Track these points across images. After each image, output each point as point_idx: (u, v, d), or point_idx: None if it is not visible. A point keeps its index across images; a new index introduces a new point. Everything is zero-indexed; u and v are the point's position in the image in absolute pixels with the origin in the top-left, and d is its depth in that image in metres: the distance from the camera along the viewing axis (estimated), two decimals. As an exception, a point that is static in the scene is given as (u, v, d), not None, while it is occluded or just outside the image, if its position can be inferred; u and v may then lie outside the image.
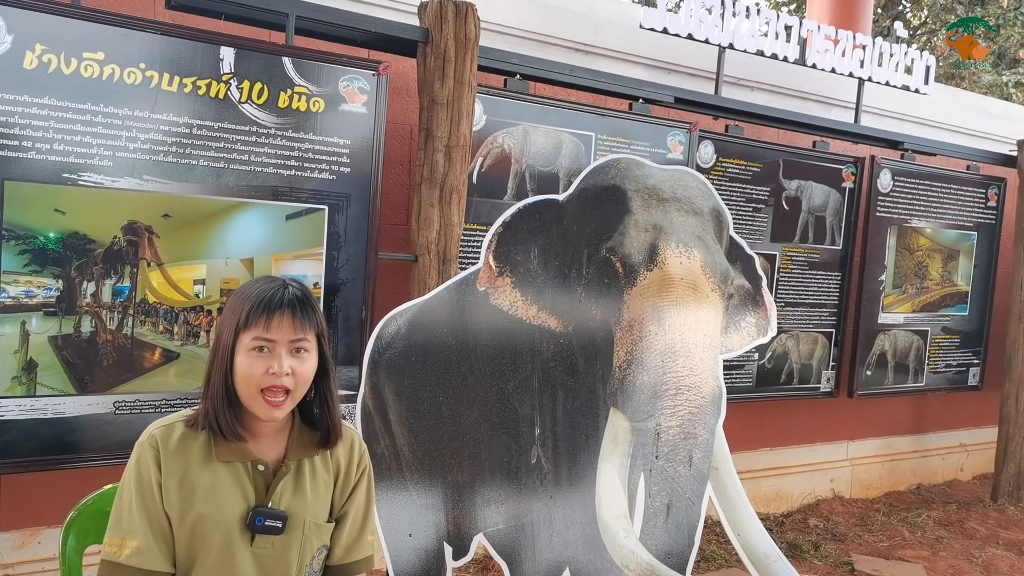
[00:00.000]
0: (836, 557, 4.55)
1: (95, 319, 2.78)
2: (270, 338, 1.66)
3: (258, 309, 1.67)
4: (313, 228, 3.15)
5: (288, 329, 1.67)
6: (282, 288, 1.71)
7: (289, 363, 1.67)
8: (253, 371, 1.66)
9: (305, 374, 1.71)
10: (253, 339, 1.66)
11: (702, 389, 2.61)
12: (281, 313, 1.67)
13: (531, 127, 3.83)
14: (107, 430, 2.79)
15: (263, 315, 1.66)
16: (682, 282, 2.60)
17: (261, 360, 1.66)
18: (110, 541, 1.69)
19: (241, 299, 1.70)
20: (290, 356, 1.68)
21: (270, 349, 1.67)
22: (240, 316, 1.67)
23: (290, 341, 1.68)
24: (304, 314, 1.69)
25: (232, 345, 1.68)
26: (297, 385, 1.70)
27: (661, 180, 2.69)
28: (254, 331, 1.66)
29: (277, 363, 1.66)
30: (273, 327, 1.66)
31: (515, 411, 2.64)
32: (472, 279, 2.62)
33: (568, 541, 2.66)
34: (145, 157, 2.82)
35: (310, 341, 1.71)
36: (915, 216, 5.39)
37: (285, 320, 1.67)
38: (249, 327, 1.66)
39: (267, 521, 1.72)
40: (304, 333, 1.69)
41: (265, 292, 1.69)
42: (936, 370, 5.66)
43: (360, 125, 3.24)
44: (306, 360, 1.71)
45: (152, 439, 1.72)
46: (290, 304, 1.68)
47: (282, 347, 1.67)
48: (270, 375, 1.66)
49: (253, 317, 1.66)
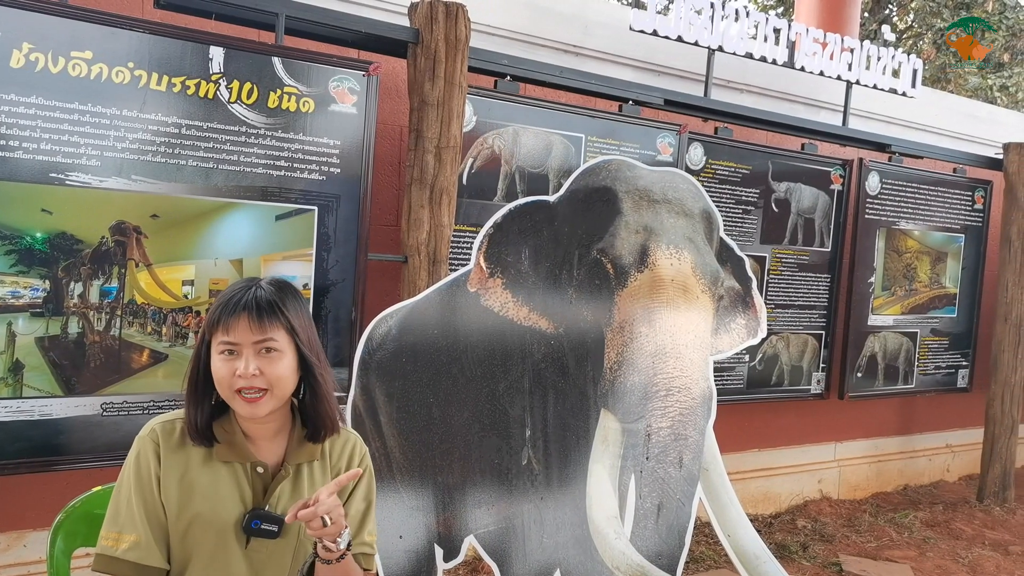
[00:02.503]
0: (824, 558, 4.56)
1: (82, 320, 2.76)
2: (232, 340, 1.66)
3: (220, 312, 1.67)
4: (303, 229, 3.14)
5: (247, 331, 1.66)
6: (245, 290, 1.69)
7: (255, 364, 1.65)
8: (223, 374, 1.66)
9: (278, 373, 1.68)
10: (219, 343, 1.67)
11: (692, 390, 2.61)
12: (238, 316, 1.66)
13: (521, 128, 3.82)
14: (94, 432, 2.77)
15: (224, 319, 1.66)
16: (672, 283, 2.60)
17: (229, 363, 1.66)
18: (106, 535, 1.68)
19: (215, 304, 1.71)
20: (257, 357, 1.66)
21: (237, 352, 1.66)
22: (210, 320, 1.68)
23: (254, 343, 1.66)
24: (266, 314, 1.67)
25: (205, 348, 1.69)
26: (272, 384, 1.68)
27: (652, 182, 2.69)
28: (220, 335, 1.66)
29: (243, 365, 1.65)
30: (233, 329, 1.65)
31: (506, 412, 2.63)
32: (463, 280, 2.62)
33: (559, 542, 2.66)
34: (133, 157, 2.80)
35: (278, 340, 1.68)
36: (903, 218, 5.41)
37: (242, 322, 1.65)
38: (216, 330, 1.67)
39: (263, 524, 1.70)
40: (268, 333, 1.67)
41: (228, 295, 1.70)
42: (926, 372, 5.68)
43: (350, 125, 3.22)
44: (277, 359, 1.68)
45: (153, 433, 1.71)
46: (248, 306, 1.67)
47: (246, 348, 1.66)
48: (238, 377, 1.65)
49: (218, 320, 1.67)
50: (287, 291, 1.75)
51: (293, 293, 1.76)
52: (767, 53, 4.63)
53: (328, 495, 1.61)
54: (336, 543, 1.68)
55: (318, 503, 1.59)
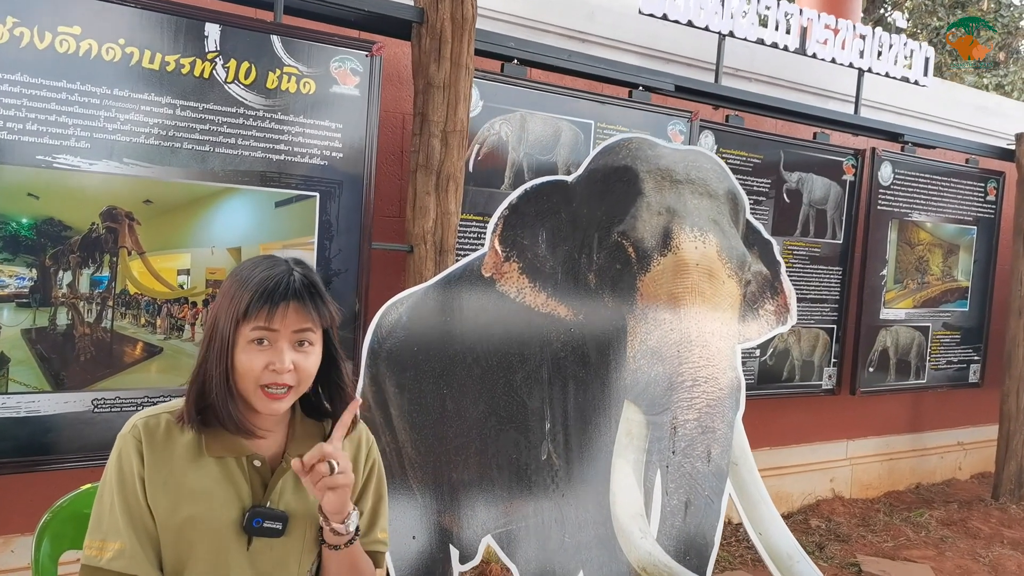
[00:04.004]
0: (842, 558, 4.42)
1: (71, 311, 2.60)
2: (273, 328, 1.49)
3: (260, 299, 1.49)
4: (304, 216, 2.99)
5: (293, 320, 1.50)
6: (287, 274, 1.52)
7: (292, 358, 1.50)
8: (252, 366, 1.49)
9: (309, 369, 1.54)
10: (253, 330, 1.49)
11: (720, 380, 2.47)
12: (286, 304, 1.49)
13: (529, 114, 3.69)
14: (85, 430, 2.61)
15: (266, 306, 1.48)
16: (697, 268, 2.46)
17: (261, 354, 1.50)
18: (90, 544, 1.52)
19: (241, 285, 1.52)
20: (293, 350, 1.51)
21: (271, 341, 1.50)
22: (240, 305, 1.49)
23: (294, 332, 1.51)
24: (312, 304, 1.52)
25: (230, 336, 1.51)
26: (300, 381, 1.53)
27: (674, 161, 2.55)
28: (255, 322, 1.49)
29: (279, 359, 1.49)
30: (276, 318, 1.49)
31: (524, 404, 2.49)
32: (477, 265, 2.47)
33: (581, 542, 2.51)
34: (125, 139, 2.64)
35: (315, 332, 1.54)
36: (916, 210, 5.29)
37: (290, 311, 1.49)
38: (249, 318, 1.49)
39: (266, 522, 1.55)
40: (310, 324, 1.52)
41: (269, 280, 1.51)
42: (937, 367, 5.56)
43: (352, 108, 3.08)
44: (310, 354, 1.54)
45: (135, 430, 1.55)
46: (296, 294, 1.50)
47: (284, 340, 1.50)
48: (270, 371, 1.49)
49: (255, 308, 1.49)
50: (318, 277, 1.60)
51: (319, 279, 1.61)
52: (778, 39, 4.51)
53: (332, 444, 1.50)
54: (345, 523, 1.55)
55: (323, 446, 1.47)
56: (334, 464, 1.47)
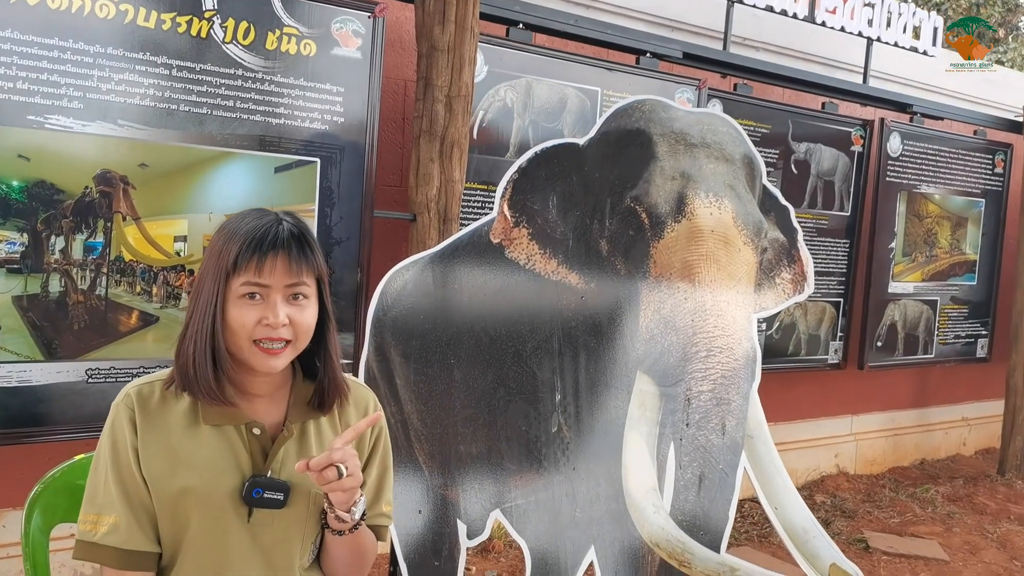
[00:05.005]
0: (848, 534, 4.37)
1: (64, 278, 2.51)
2: (263, 283, 1.41)
3: (248, 250, 1.40)
4: (304, 182, 2.90)
5: (283, 272, 1.41)
6: (275, 224, 1.44)
7: (286, 311, 1.42)
8: (245, 321, 1.41)
9: (306, 323, 1.45)
10: (243, 284, 1.41)
11: (735, 351, 2.39)
12: (275, 254, 1.41)
13: (534, 80, 3.59)
14: (78, 400, 2.53)
15: (255, 256, 1.40)
16: (712, 234, 2.37)
17: (254, 308, 1.41)
18: (84, 518, 1.45)
19: (227, 238, 1.43)
20: (287, 303, 1.43)
21: (263, 296, 1.42)
22: (228, 259, 1.41)
23: (286, 286, 1.42)
24: (302, 254, 1.43)
25: (218, 292, 1.42)
26: (297, 335, 1.45)
27: (689, 124, 2.46)
28: (244, 275, 1.40)
29: (272, 312, 1.41)
30: (266, 270, 1.40)
31: (534, 375, 2.41)
32: (485, 231, 2.38)
33: (593, 517, 2.44)
34: (119, 100, 2.55)
35: (309, 285, 1.45)
36: (924, 182, 5.21)
37: (280, 262, 1.41)
38: (239, 271, 1.40)
39: (266, 493, 1.46)
40: (302, 276, 1.43)
41: (256, 229, 1.42)
42: (945, 341, 5.50)
43: (354, 71, 2.99)
44: (305, 307, 1.45)
45: (127, 399, 1.47)
46: (286, 243, 1.42)
47: (277, 293, 1.42)
48: (264, 326, 1.41)
49: (243, 259, 1.40)
50: (309, 230, 1.51)
51: (312, 232, 1.52)
52: (787, 7, 4.41)
53: (343, 443, 1.40)
54: (351, 511, 1.47)
55: (332, 450, 1.37)
56: (343, 469, 1.38)
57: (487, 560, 3.74)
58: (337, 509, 1.47)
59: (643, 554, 2.41)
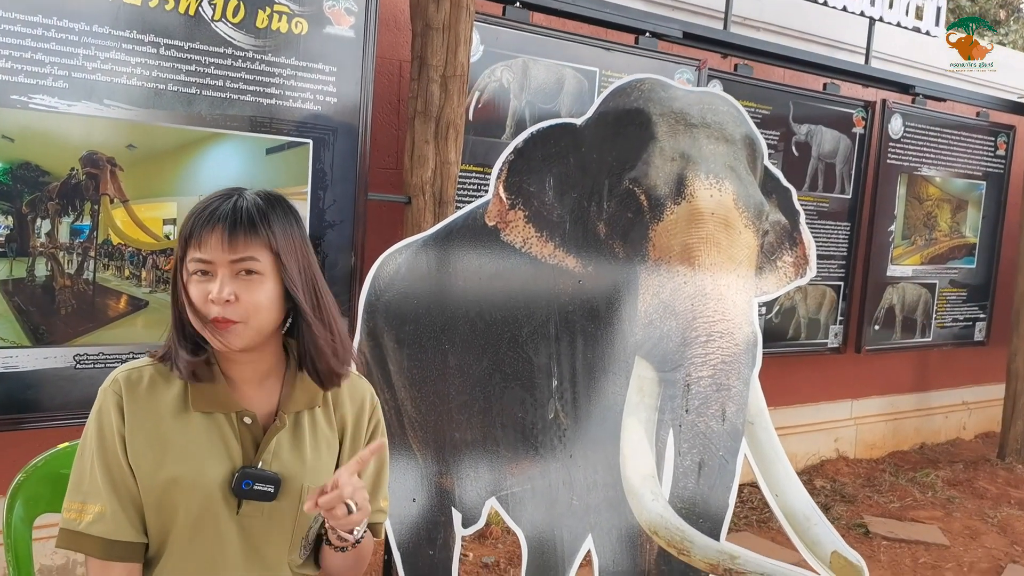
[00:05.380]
0: (848, 519, 4.34)
1: (51, 262, 2.46)
2: (205, 258, 1.36)
3: (192, 223, 1.37)
4: (296, 164, 2.84)
5: (222, 247, 1.35)
6: (225, 199, 1.39)
7: (231, 287, 1.36)
8: (195, 298, 1.37)
9: (254, 300, 1.37)
10: (192, 261, 1.37)
11: (735, 335, 2.35)
12: (211, 228, 1.35)
13: (531, 60, 3.53)
14: (66, 386, 2.48)
15: (198, 231, 1.36)
16: (713, 217, 2.32)
17: (202, 285, 1.37)
18: (69, 506, 1.41)
19: (189, 213, 1.41)
20: (234, 279, 1.36)
21: (212, 273, 1.37)
22: (183, 232, 1.39)
23: (231, 262, 1.36)
24: (245, 229, 1.36)
25: (177, 271, 1.41)
26: (248, 315, 1.37)
27: (689, 103, 2.40)
28: (192, 250, 1.37)
29: (216, 287, 1.35)
30: (206, 245, 1.35)
31: (530, 361, 2.36)
32: (480, 213, 2.33)
33: (590, 505, 2.40)
34: (106, 79, 2.49)
35: (260, 261, 1.37)
36: (925, 164, 5.15)
37: (216, 236, 1.35)
38: (189, 248, 1.37)
39: (256, 485, 1.42)
40: (247, 251, 1.36)
41: (204, 204, 1.39)
42: (943, 325, 5.46)
43: (347, 51, 2.92)
44: (257, 284, 1.37)
45: (115, 384, 1.43)
46: (224, 217, 1.36)
47: (222, 268, 1.36)
48: (210, 302, 1.36)
49: (191, 233, 1.37)
50: (277, 203, 1.44)
51: (285, 207, 1.45)
52: (789, -16, 4.34)
53: (349, 475, 1.34)
54: (353, 532, 1.43)
55: (340, 486, 1.32)
56: (352, 506, 1.34)
57: (484, 546, 3.71)
58: (340, 530, 1.43)
59: (641, 542, 2.38)
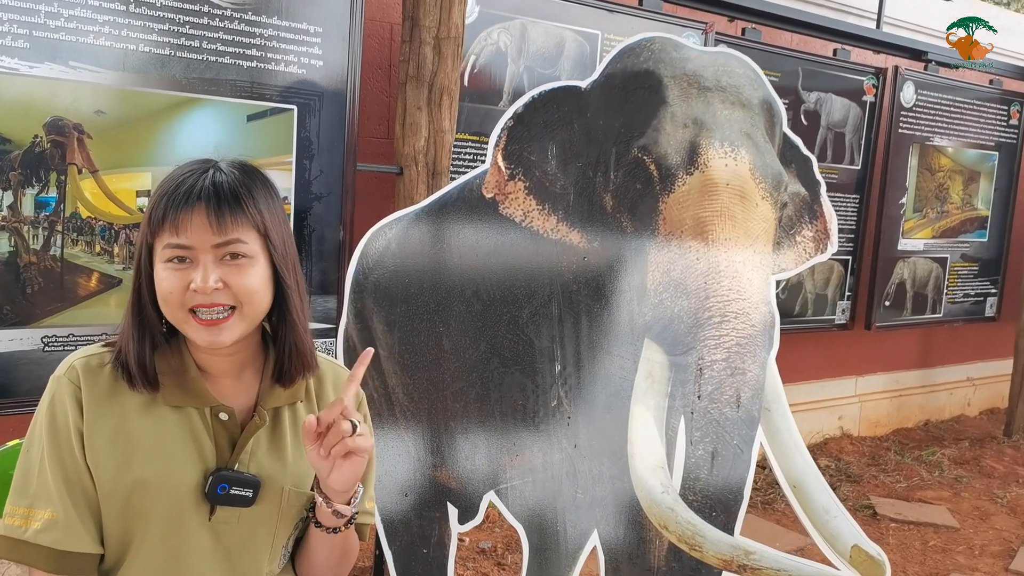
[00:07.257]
0: (855, 500, 4.22)
1: (14, 237, 2.29)
2: (183, 243, 1.19)
3: (165, 204, 1.20)
4: (280, 132, 2.66)
5: (205, 229, 1.19)
6: (199, 174, 1.22)
7: (218, 274, 1.20)
8: (172, 288, 1.20)
9: (248, 285, 1.22)
10: (165, 247, 1.20)
11: (751, 316, 2.18)
12: (191, 209, 1.19)
13: (530, 22, 3.35)
14: (34, 370, 2.32)
15: (169, 213, 1.19)
16: (728, 188, 2.15)
17: (180, 273, 1.20)
18: (13, 510, 1.24)
19: (156, 192, 1.23)
20: (219, 265, 1.21)
21: (192, 258, 1.20)
22: (151, 217, 1.21)
23: (215, 246, 1.20)
24: (230, 207, 1.21)
25: (145, 256, 1.23)
26: (242, 301, 1.22)
27: (702, 65, 2.22)
28: (167, 236, 1.20)
29: (200, 275, 1.19)
30: (183, 228, 1.19)
31: (531, 344, 2.20)
32: (477, 184, 2.16)
33: (596, 498, 2.25)
34: (71, 38, 2.30)
35: (247, 243, 1.22)
36: (937, 134, 4.98)
37: (198, 217, 1.19)
38: (160, 232, 1.20)
39: (233, 489, 1.26)
40: (234, 232, 1.21)
41: (176, 180, 1.22)
42: (954, 300, 5.32)
43: (334, 10, 2.74)
44: (247, 268, 1.22)
45: (71, 372, 1.26)
46: (205, 195, 1.19)
47: (205, 254, 1.20)
48: (193, 292, 1.19)
49: (160, 218, 1.20)
50: (255, 176, 1.27)
51: (263, 180, 1.28)
52: (799, -56, 4.15)
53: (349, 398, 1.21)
54: (351, 503, 1.28)
55: (342, 403, 1.18)
56: (356, 422, 1.18)
57: (481, 531, 3.58)
58: (336, 502, 1.27)
59: (650, 538, 2.23)
